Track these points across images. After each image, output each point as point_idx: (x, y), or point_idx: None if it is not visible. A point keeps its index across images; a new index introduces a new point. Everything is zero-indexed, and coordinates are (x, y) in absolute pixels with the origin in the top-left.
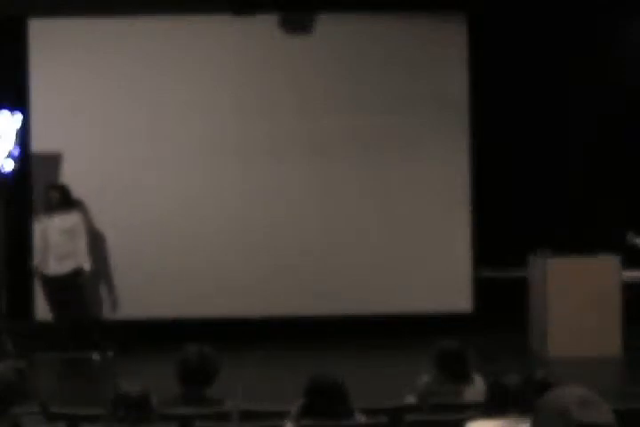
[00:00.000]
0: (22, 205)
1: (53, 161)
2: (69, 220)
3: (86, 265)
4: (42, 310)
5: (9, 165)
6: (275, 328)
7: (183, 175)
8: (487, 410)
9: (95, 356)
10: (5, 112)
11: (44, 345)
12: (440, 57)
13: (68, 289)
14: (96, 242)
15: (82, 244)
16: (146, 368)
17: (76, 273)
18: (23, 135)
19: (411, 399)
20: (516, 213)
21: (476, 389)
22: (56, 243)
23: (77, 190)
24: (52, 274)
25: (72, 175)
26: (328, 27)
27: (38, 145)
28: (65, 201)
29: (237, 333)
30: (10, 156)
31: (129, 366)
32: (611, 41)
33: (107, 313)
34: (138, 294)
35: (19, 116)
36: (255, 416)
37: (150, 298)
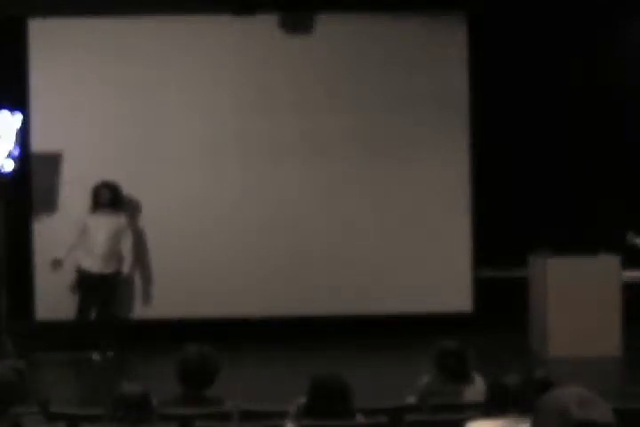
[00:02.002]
0: (22, 205)
1: (53, 161)
2: (116, 220)
3: (126, 267)
4: (42, 310)
5: (9, 165)
6: (275, 328)
7: (183, 175)
8: (487, 410)
9: (95, 356)
10: (5, 112)
11: (44, 345)
12: (440, 57)
13: (108, 288)
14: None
15: (127, 246)
16: (146, 368)
17: (118, 273)
18: (23, 135)
19: (411, 399)
20: (516, 213)
21: (476, 389)
22: (102, 242)
23: (77, 190)
24: (96, 272)
25: (72, 175)
26: (328, 27)
27: (38, 145)
28: (115, 201)
29: (237, 333)
30: (10, 156)
31: (129, 366)
32: (611, 41)
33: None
34: (138, 294)
35: (19, 116)
36: (255, 416)
37: (150, 298)
